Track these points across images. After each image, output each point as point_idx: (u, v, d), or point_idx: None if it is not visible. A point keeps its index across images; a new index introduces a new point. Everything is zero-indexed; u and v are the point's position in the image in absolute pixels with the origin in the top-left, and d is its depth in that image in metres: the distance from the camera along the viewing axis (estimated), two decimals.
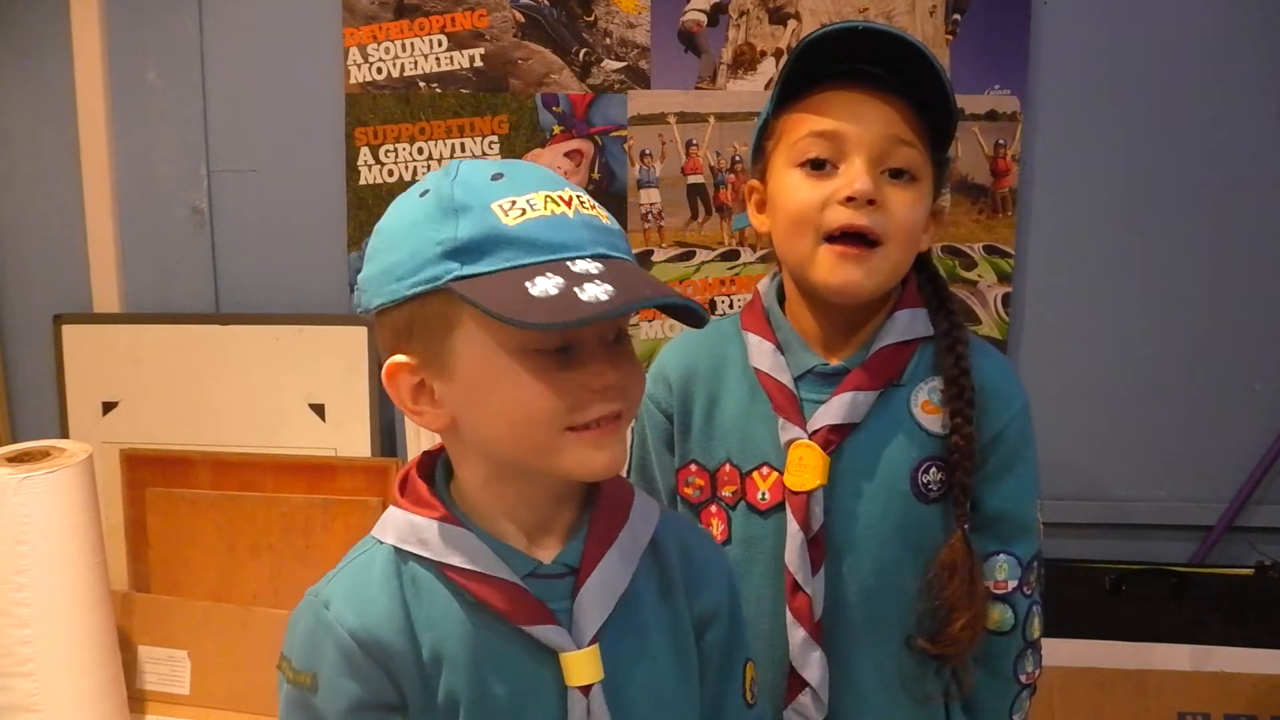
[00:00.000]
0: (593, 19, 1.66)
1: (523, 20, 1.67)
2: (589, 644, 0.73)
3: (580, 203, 0.70)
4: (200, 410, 1.74)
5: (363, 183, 1.72)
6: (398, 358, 0.72)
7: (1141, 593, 1.65)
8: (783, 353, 0.97)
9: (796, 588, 0.93)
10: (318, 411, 1.73)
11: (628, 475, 1.05)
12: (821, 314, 0.97)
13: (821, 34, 0.90)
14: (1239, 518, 1.72)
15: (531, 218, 0.68)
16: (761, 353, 0.98)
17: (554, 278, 0.65)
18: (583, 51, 1.67)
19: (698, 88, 1.67)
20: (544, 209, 0.68)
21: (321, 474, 1.65)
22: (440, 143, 1.70)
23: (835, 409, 0.93)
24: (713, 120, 1.68)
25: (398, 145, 1.71)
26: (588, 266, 0.67)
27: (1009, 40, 1.63)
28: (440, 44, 1.68)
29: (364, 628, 0.73)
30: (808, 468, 0.92)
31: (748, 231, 1.68)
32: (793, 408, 0.95)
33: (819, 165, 0.91)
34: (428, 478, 0.78)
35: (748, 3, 1.65)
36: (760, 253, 0.99)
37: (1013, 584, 0.97)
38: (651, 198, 1.70)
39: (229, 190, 1.75)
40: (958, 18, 1.63)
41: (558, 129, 1.69)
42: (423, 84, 1.69)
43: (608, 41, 1.67)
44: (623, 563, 0.76)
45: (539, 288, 0.65)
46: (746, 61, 1.67)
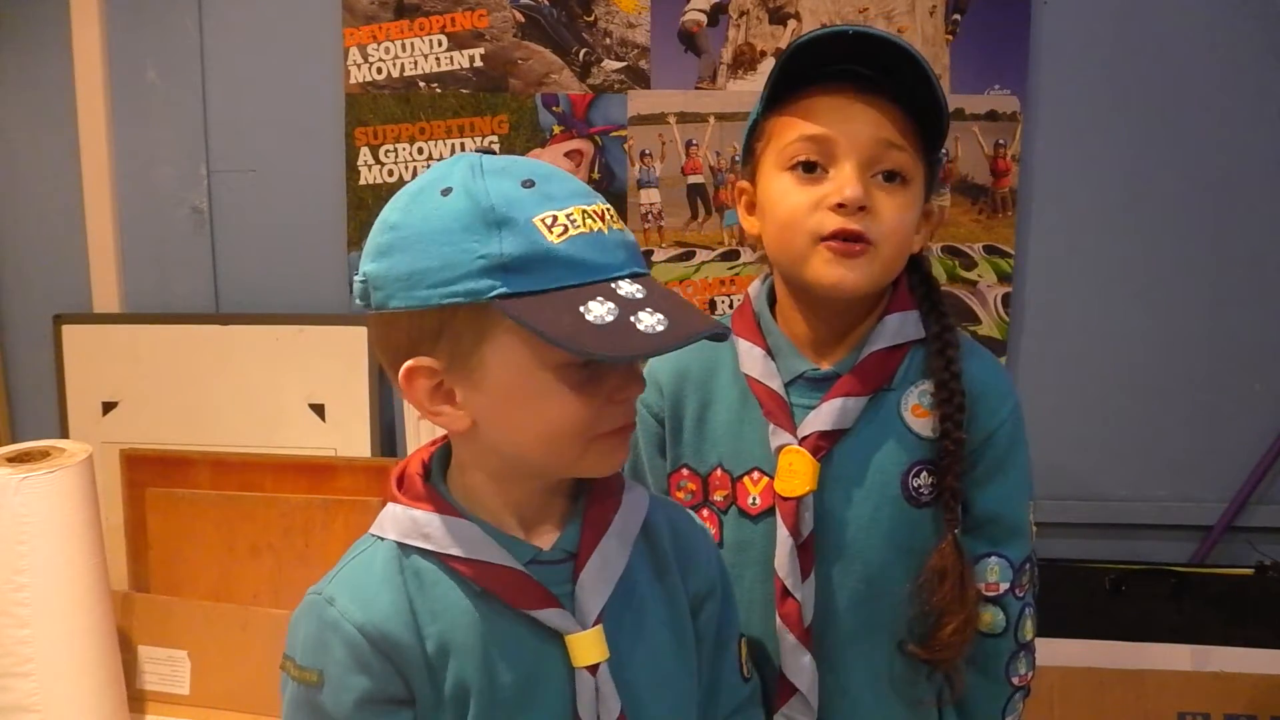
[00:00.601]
0: (593, 19, 1.66)
1: (523, 20, 1.67)
2: (593, 625, 0.75)
3: (610, 216, 0.72)
4: (200, 410, 1.75)
5: (363, 183, 1.72)
6: (419, 360, 0.72)
7: (1141, 593, 1.65)
8: (773, 358, 0.97)
9: (786, 593, 0.93)
10: (318, 411, 1.73)
11: None
12: (812, 316, 0.97)
13: (810, 38, 0.90)
14: (1239, 518, 1.72)
15: (574, 235, 0.69)
16: (752, 358, 0.97)
17: (606, 303, 0.67)
18: (583, 51, 1.67)
19: (698, 88, 1.67)
20: (583, 225, 0.69)
21: (321, 474, 1.66)
22: (440, 143, 1.70)
23: (825, 415, 0.93)
24: (713, 120, 1.68)
25: (398, 145, 1.71)
26: (631, 290, 0.69)
27: (1009, 40, 1.63)
28: (440, 44, 1.68)
29: (370, 622, 0.74)
30: (797, 473, 0.92)
31: (736, 229, 1.68)
32: (783, 413, 0.95)
33: (810, 168, 0.91)
34: (424, 473, 0.80)
35: (748, 3, 1.65)
36: (760, 253, 0.99)
37: (1004, 586, 0.97)
38: (651, 198, 1.70)
39: (229, 190, 1.76)
40: (958, 18, 1.63)
41: (558, 129, 1.69)
42: (423, 84, 1.69)
43: (608, 41, 1.67)
44: (619, 546, 0.79)
45: (594, 313, 0.66)
46: (746, 61, 1.67)
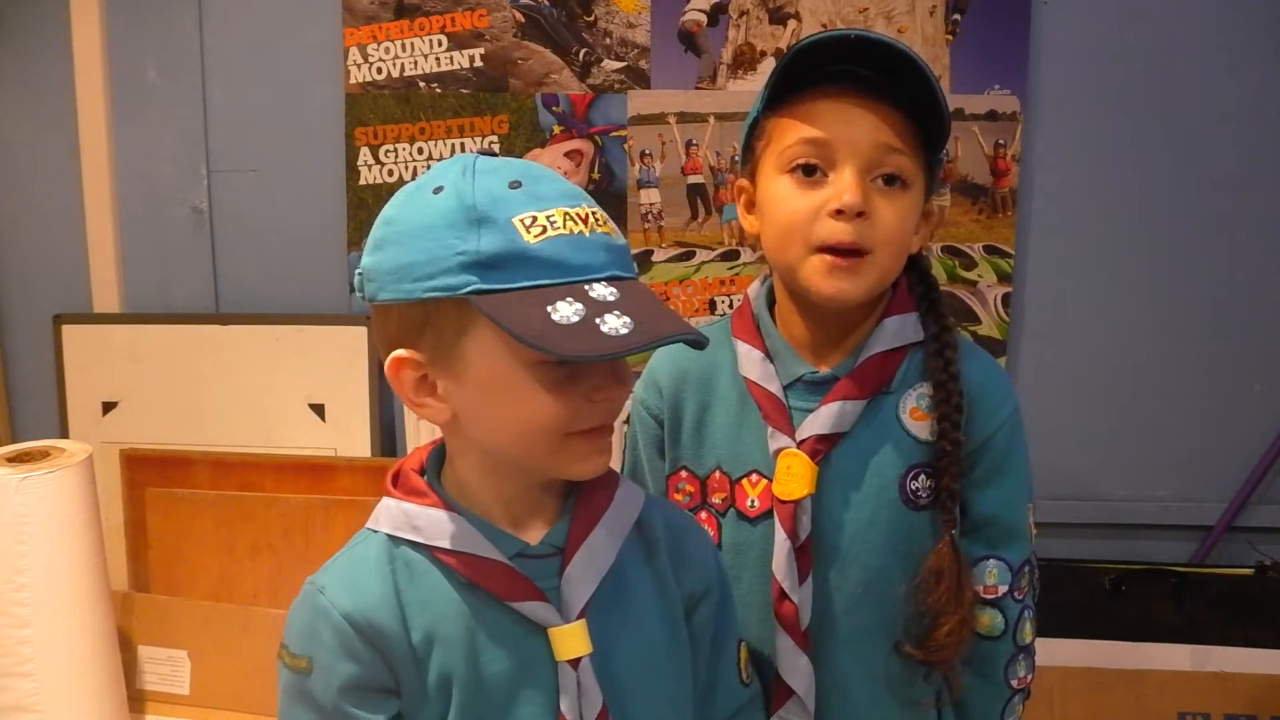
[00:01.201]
0: (593, 19, 1.66)
1: (523, 20, 1.67)
2: (576, 618, 0.76)
3: (595, 219, 0.73)
4: (200, 410, 1.75)
5: (363, 183, 1.72)
6: (403, 352, 0.74)
7: (1141, 593, 1.65)
8: (771, 360, 0.97)
9: (783, 596, 0.93)
10: (317, 411, 1.73)
11: None
12: (811, 319, 0.97)
13: (811, 43, 0.89)
14: (1239, 518, 1.72)
15: (551, 236, 0.70)
16: (750, 361, 0.97)
17: (574, 303, 0.68)
18: (583, 51, 1.67)
19: (698, 88, 1.67)
20: (563, 227, 0.70)
21: (321, 474, 1.66)
22: (440, 143, 1.70)
23: (823, 418, 0.93)
24: (713, 120, 1.68)
25: (398, 145, 1.71)
26: (604, 292, 0.69)
27: (1009, 40, 1.63)
28: (440, 44, 1.68)
29: (358, 610, 0.76)
30: (795, 477, 0.92)
31: (735, 228, 1.68)
32: (781, 417, 0.94)
33: (809, 171, 0.91)
34: (421, 470, 0.81)
35: (748, 3, 1.65)
36: (759, 253, 0.99)
37: (1003, 589, 0.96)
38: (651, 198, 1.70)
39: (229, 190, 1.76)
40: (958, 18, 1.63)
41: (558, 129, 1.69)
42: (423, 84, 1.69)
43: (608, 41, 1.67)
44: (608, 540, 0.79)
45: (560, 313, 0.67)
46: (746, 61, 1.67)
